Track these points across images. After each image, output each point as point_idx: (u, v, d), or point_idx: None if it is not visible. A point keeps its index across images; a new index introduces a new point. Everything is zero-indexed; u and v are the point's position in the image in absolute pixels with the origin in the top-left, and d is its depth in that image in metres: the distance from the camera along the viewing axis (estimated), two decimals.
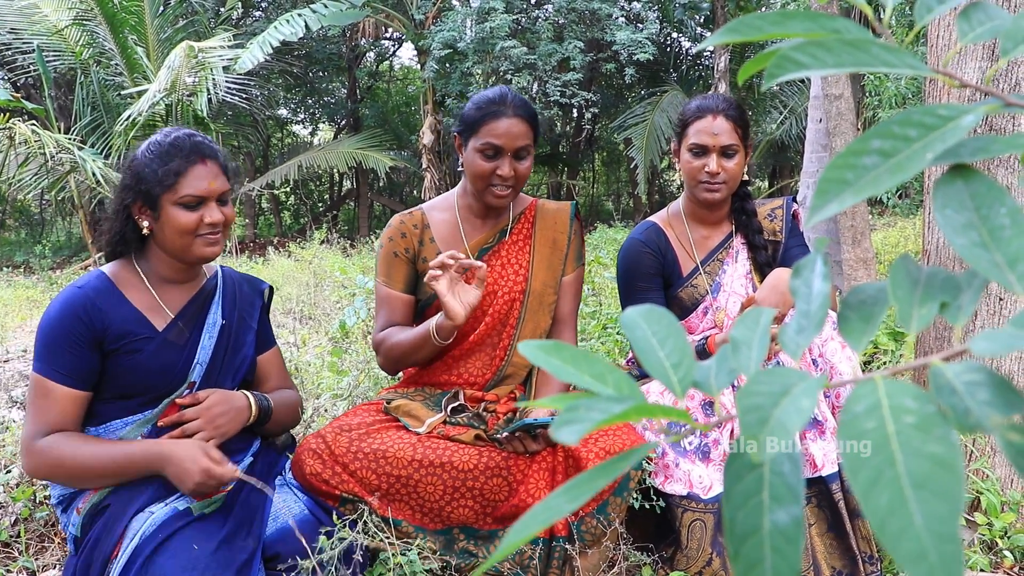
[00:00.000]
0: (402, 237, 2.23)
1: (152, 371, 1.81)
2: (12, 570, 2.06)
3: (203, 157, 1.81)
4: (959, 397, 0.39)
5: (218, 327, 1.93)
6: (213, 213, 1.82)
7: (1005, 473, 2.35)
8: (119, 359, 1.79)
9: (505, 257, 2.25)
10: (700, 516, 1.97)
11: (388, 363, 2.22)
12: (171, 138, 1.82)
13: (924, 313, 0.47)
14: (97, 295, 1.79)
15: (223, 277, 2.02)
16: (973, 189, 0.48)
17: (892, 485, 0.35)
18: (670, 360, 0.50)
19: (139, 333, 1.81)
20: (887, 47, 0.53)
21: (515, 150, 2.09)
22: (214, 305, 1.95)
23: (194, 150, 1.81)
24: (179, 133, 1.84)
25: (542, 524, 0.41)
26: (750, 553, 0.39)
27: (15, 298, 6.73)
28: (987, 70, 2.26)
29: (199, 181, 1.79)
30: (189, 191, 1.78)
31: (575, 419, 0.42)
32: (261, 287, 2.12)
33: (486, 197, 2.15)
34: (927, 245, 2.48)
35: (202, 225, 1.81)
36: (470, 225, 2.27)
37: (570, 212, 2.32)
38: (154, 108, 8.07)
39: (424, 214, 2.28)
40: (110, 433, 1.82)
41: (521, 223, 2.29)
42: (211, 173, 1.82)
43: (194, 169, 1.79)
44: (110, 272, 1.86)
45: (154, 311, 1.86)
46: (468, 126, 2.12)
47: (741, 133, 2.22)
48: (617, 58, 11.61)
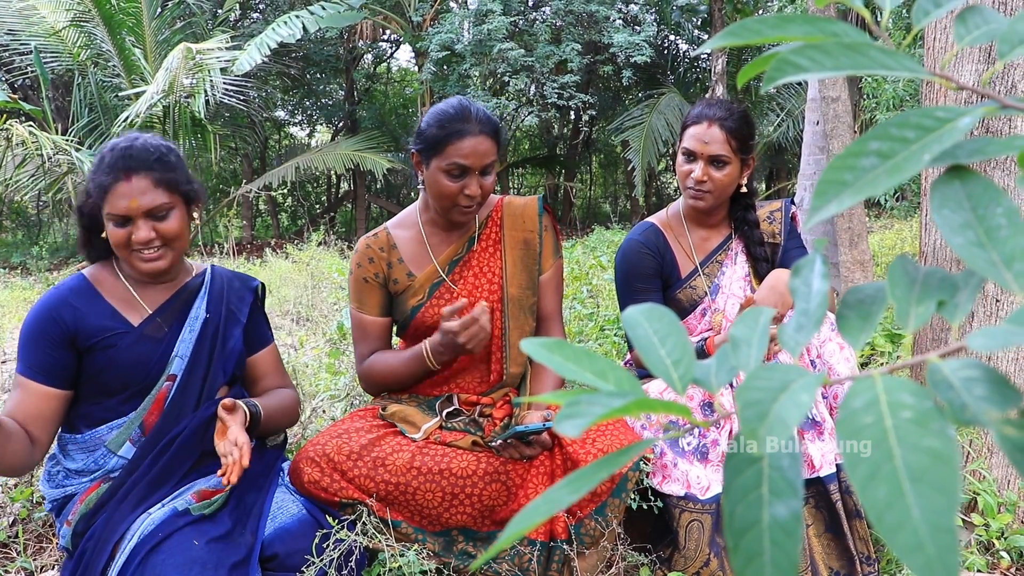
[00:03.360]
0: (370, 262, 2.18)
1: (127, 365, 1.82)
2: (10, 570, 2.06)
3: (128, 173, 1.74)
4: (956, 392, 0.40)
5: (201, 321, 1.92)
6: (139, 232, 1.76)
7: (1002, 474, 2.36)
8: (95, 355, 1.80)
9: (477, 267, 2.19)
10: (698, 517, 1.98)
11: (377, 389, 2.22)
12: (114, 148, 1.77)
13: (922, 311, 0.48)
14: (73, 295, 1.82)
15: (212, 274, 2.01)
16: (970, 189, 0.49)
17: (890, 478, 0.36)
18: (671, 357, 0.50)
19: (114, 328, 1.82)
20: (885, 50, 0.54)
21: (481, 168, 2.02)
22: (199, 300, 1.94)
23: (121, 165, 1.74)
24: (123, 144, 1.78)
25: (544, 515, 0.42)
26: (749, 546, 0.40)
27: (12, 299, 6.72)
28: (983, 73, 2.27)
29: (119, 200, 1.74)
30: (110, 209, 1.75)
31: (577, 413, 0.43)
32: (252, 284, 2.10)
33: (452, 215, 2.08)
34: (924, 247, 2.49)
35: (131, 242, 1.77)
36: (437, 239, 2.20)
37: (538, 207, 2.24)
38: (152, 109, 8.08)
39: (389, 234, 2.21)
40: (97, 439, 1.84)
41: (489, 228, 2.22)
42: (136, 190, 1.74)
43: (117, 187, 1.74)
44: (89, 273, 1.88)
45: (131, 308, 1.87)
46: (430, 145, 2.02)
47: (736, 145, 2.18)
48: (614, 60, 11.63)
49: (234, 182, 16.47)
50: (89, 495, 1.79)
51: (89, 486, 1.82)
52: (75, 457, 1.85)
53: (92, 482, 1.83)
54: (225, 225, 14.88)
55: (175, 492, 1.76)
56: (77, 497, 1.81)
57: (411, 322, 2.17)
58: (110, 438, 1.83)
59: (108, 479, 1.82)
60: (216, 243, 12.21)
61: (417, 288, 2.17)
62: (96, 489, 1.80)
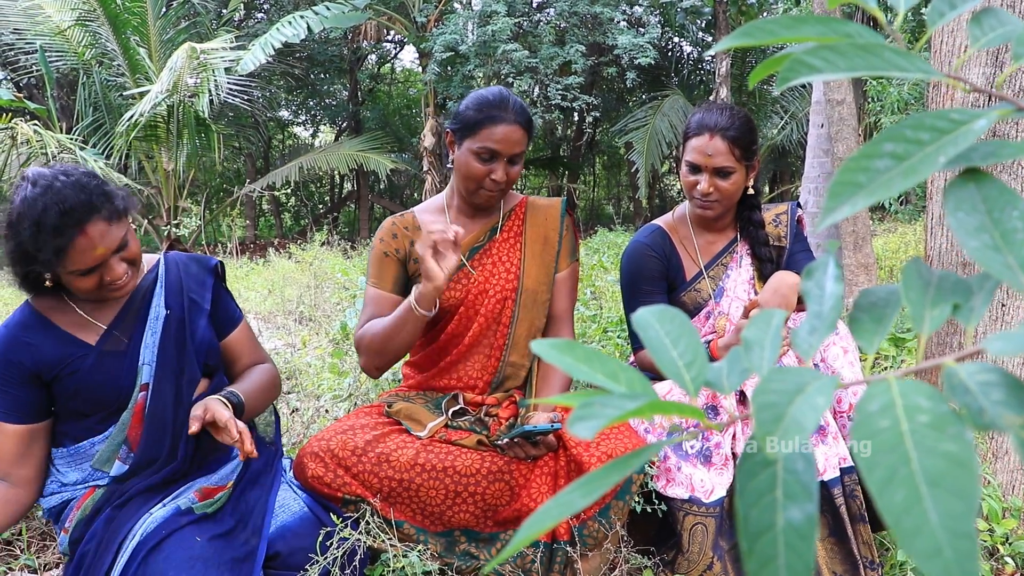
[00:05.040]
0: (393, 238, 2.22)
1: (96, 386, 1.75)
2: (14, 568, 2.06)
3: (81, 225, 1.59)
4: (973, 396, 0.40)
5: (161, 320, 1.83)
6: (112, 271, 1.68)
7: (1007, 479, 2.35)
8: (63, 382, 1.74)
9: (496, 256, 2.24)
10: (702, 520, 1.97)
11: (370, 355, 2.09)
12: (38, 211, 1.58)
13: (936, 315, 0.47)
14: (23, 330, 1.74)
15: (165, 265, 1.91)
16: (985, 192, 0.49)
17: (907, 483, 0.36)
18: (683, 359, 0.50)
19: (73, 354, 1.75)
20: (899, 51, 0.54)
21: (511, 156, 2.09)
22: (155, 298, 1.85)
23: (68, 223, 1.58)
24: (47, 201, 1.58)
25: (557, 517, 0.42)
26: (764, 550, 0.39)
27: (16, 297, 6.73)
28: (991, 74, 2.27)
29: (83, 256, 1.61)
30: (77, 267, 1.63)
31: (590, 415, 0.43)
32: (210, 263, 2.00)
33: (475, 197, 2.15)
34: (930, 250, 2.49)
35: (103, 283, 1.69)
36: (460, 225, 2.23)
37: (561, 208, 2.30)
38: (156, 109, 8.09)
39: (415, 216, 2.27)
40: (82, 453, 1.80)
41: (512, 220, 2.28)
42: (95, 238, 1.61)
43: (75, 243, 1.59)
44: (35, 303, 1.78)
45: (84, 329, 1.78)
46: (466, 126, 2.09)
47: (740, 153, 2.18)
48: (618, 62, 11.62)
49: (238, 182, 16.50)
50: (85, 501, 1.77)
51: (85, 491, 1.79)
52: (64, 472, 1.81)
53: (88, 487, 1.80)
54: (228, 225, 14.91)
55: (177, 491, 1.75)
56: (73, 503, 1.78)
57: None
58: (95, 452, 1.79)
59: (101, 485, 1.79)
60: (219, 243, 12.22)
61: None
62: (91, 495, 1.78)
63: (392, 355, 2.06)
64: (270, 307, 5.49)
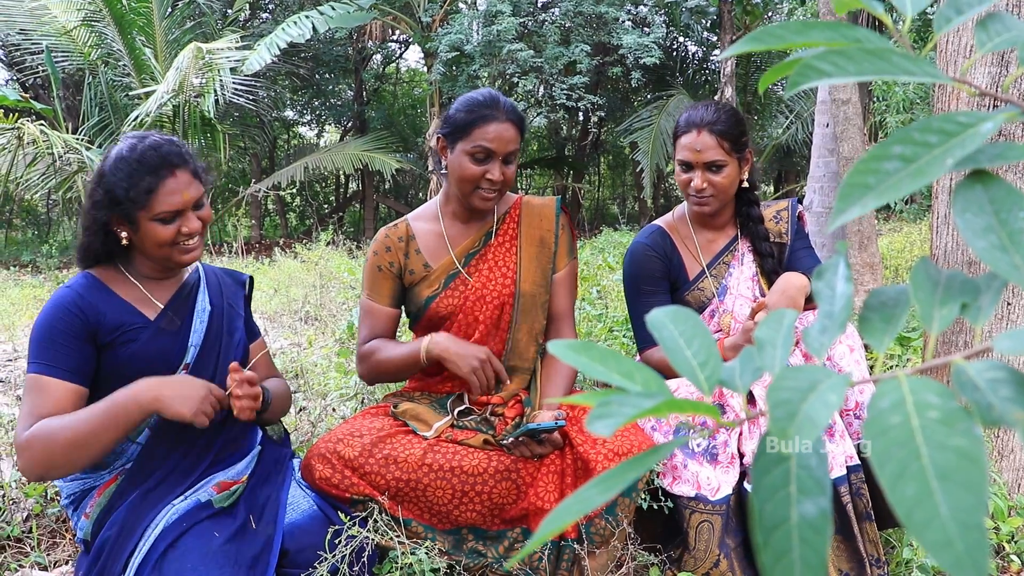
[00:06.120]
0: (386, 251, 2.22)
1: (148, 358, 1.82)
2: (24, 565, 2.08)
3: (173, 169, 1.77)
4: (982, 393, 0.41)
5: (208, 312, 1.94)
6: (190, 222, 1.80)
7: (1012, 477, 2.36)
8: (116, 351, 1.79)
9: (492, 260, 2.22)
10: (708, 518, 1.98)
11: (370, 376, 2.21)
12: (137, 153, 1.76)
13: (945, 314, 0.48)
14: (87, 291, 1.81)
15: (204, 270, 2.04)
16: (992, 194, 0.50)
17: (918, 477, 0.37)
18: (697, 359, 0.51)
19: (133, 323, 1.82)
20: (907, 55, 0.55)
21: (505, 154, 2.08)
22: (200, 294, 1.96)
23: (162, 164, 1.76)
24: (145, 146, 1.78)
25: (575, 515, 0.43)
26: (778, 544, 0.40)
27: (23, 297, 6.76)
28: (997, 74, 2.27)
29: (172, 196, 1.76)
30: (163, 208, 1.76)
31: (608, 413, 0.44)
32: (242, 278, 2.14)
33: (472, 200, 2.12)
34: (935, 250, 2.50)
35: (180, 235, 1.80)
36: (455, 231, 2.24)
37: (555, 207, 2.28)
38: (162, 109, 8.12)
39: (408, 225, 2.26)
40: None
41: (506, 223, 2.26)
42: (183, 184, 1.78)
43: (165, 184, 1.75)
44: (95, 272, 1.87)
45: (143, 303, 1.87)
46: (457, 128, 2.08)
47: (729, 146, 2.20)
48: (623, 62, 11.63)
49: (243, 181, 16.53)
50: (107, 488, 1.80)
51: (108, 479, 1.82)
52: None
53: (111, 475, 1.83)
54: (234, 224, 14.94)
55: (197, 484, 1.78)
56: (95, 490, 1.82)
57: (425, 312, 2.19)
58: None
59: (124, 471, 1.83)
60: (225, 242, 12.25)
61: (433, 279, 2.19)
62: (115, 482, 1.81)
63: (394, 381, 2.22)
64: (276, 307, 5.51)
